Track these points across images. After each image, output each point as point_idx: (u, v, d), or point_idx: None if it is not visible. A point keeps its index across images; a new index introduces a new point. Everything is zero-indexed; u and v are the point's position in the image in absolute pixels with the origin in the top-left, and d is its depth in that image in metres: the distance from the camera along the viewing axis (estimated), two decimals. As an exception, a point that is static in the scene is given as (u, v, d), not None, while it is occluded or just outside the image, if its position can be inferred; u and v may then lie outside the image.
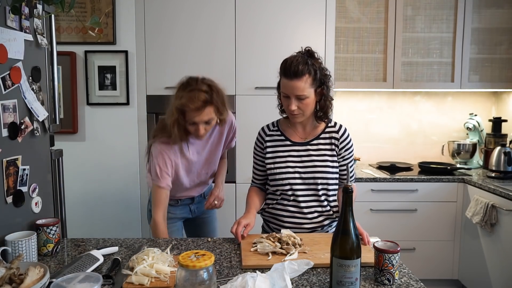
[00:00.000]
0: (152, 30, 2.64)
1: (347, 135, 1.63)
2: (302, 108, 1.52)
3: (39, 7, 1.50)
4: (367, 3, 2.93)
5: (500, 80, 3.02)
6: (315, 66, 1.51)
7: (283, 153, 1.63)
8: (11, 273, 1.03)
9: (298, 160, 1.60)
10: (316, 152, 1.60)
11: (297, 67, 1.47)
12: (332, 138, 1.62)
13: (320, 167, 1.58)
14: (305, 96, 1.50)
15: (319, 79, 1.52)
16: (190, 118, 1.60)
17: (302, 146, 1.62)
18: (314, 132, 1.64)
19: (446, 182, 2.78)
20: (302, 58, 1.50)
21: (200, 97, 1.56)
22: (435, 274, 2.86)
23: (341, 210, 1.11)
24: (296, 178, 1.59)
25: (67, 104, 2.70)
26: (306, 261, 1.25)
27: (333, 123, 1.65)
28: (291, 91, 1.50)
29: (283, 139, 1.65)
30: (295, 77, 1.48)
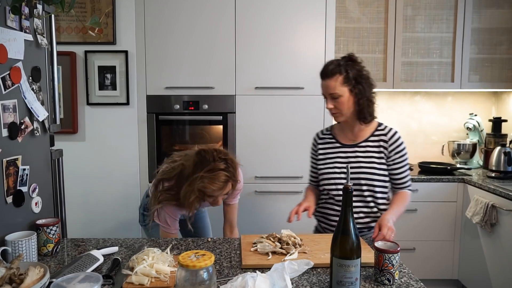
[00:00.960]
0: (152, 30, 2.64)
1: (397, 138, 1.66)
2: (338, 107, 1.62)
3: (39, 7, 1.50)
4: (367, 3, 2.93)
5: (500, 80, 3.02)
6: (349, 67, 1.60)
7: (332, 155, 1.71)
8: (11, 273, 1.03)
9: (345, 162, 1.67)
10: (363, 154, 1.66)
11: (328, 67, 1.61)
12: (381, 140, 1.66)
13: (366, 168, 1.63)
14: (338, 95, 1.59)
15: (353, 78, 1.59)
16: (211, 195, 1.64)
17: (351, 148, 1.69)
18: (363, 134, 1.69)
19: (446, 182, 2.78)
20: (337, 61, 1.62)
21: (221, 179, 1.60)
22: (435, 274, 2.86)
23: (341, 210, 1.11)
24: (342, 178, 1.66)
25: (67, 104, 2.70)
26: (306, 261, 1.25)
27: (383, 127, 1.70)
28: (325, 90, 1.63)
29: (334, 141, 1.74)
30: (326, 77, 1.61)
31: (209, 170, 1.58)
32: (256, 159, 2.73)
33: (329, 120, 2.66)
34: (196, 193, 1.60)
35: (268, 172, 2.71)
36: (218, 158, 1.61)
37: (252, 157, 2.72)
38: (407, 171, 1.68)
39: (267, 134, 2.72)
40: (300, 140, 2.70)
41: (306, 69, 2.66)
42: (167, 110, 2.68)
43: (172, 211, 1.71)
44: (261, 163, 2.73)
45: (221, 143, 2.71)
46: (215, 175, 1.58)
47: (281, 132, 2.71)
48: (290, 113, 2.70)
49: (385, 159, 1.65)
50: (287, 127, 2.71)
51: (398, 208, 1.62)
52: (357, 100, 1.61)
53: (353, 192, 1.12)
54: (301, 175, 2.68)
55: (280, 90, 2.68)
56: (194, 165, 1.62)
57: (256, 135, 2.71)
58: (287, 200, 2.66)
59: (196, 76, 2.66)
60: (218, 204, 1.71)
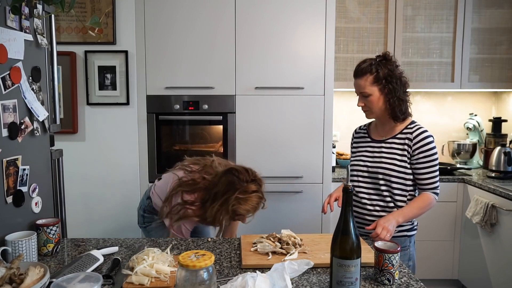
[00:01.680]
0: (152, 30, 2.64)
1: (424, 137, 1.64)
2: (368, 105, 1.69)
3: (39, 7, 1.50)
4: (367, 3, 2.93)
5: (500, 80, 3.02)
6: (381, 66, 1.64)
7: (362, 148, 1.80)
8: (11, 273, 1.03)
9: (370, 156, 1.74)
10: (387, 150, 1.70)
11: (360, 66, 1.67)
12: (406, 138, 1.68)
13: (386, 163, 1.67)
14: (367, 94, 1.66)
15: (384, 77, 1.63)
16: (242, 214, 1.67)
17: (378, 143, 1.75)
18: (392, 131, 1.73)
19: (446, 182, 2.78)
20: (370, 60, 1.67)
21: (255, 200, 1.64)
22: (435, 274, 2.86)
23: (341, 210, 1.11)
24: (364, 171, 1.73)
25: (67, 104, 2.69)
26: (306, 261, 1.25)
27: (413, 125, 1.70)
28: (356, 89, 1.71)
29: (366, 136, 1.82)
30: (357, 76, 1.68)
31: (244, 192, 1.62)
32: (256, 159, 2.73)
33: (329, 120, 2.66)
34: (229, 213, 1.62)
35: (268, 172, 2.71)
36: (251, 180, 1.65)
37: (252, 157, 2.72)
38: (433, 173, 1.65)
39: (267, 134, 2.71)
40: (300, 140, 2.70)
41: (306, 69, 2.66)
42: (167, 110, 2.68)
43: (190, 225, 1.73)
44: (261, 163, 2.72)
45: (221, 143, 2.71)
46: (250, 197, 1.62)
47: (281, 132, 2.71)
48: (290, 113, 2.70)
49: (407, 157, 1.65)
50: (287, 127, 2.71)
51: (410, 210, 1.62)
52: (388, 99, 1.65)
53: (353, 192, 1.12)
54: (301, 175, 2.68)
55: (280, 90, 2.68)
56: (227, 185, 1.63)
57: (256, 135, 2.71)
58: (287, 200, 2.66)
59: (196, 76, 2.66)
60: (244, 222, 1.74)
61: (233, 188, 1.61)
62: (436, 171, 1.65)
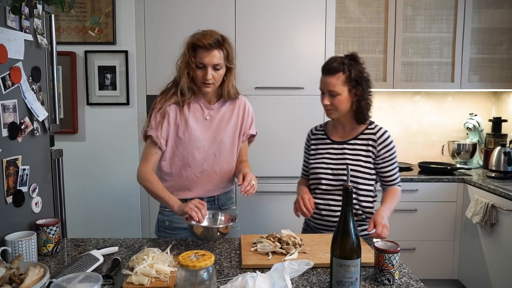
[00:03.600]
0: (152, 30, 2.64)
1: (387, 136, 1.67)
2: (335, 104, 1.63)
3: (39, 7, 1.50)
4: (367, 3, 2.93)
5: (500, 80, 3.02)
6: (352, 67, 1.61)
7: (322, 151, 1.74)
8: (11, 273, 1.03)
9: (333, 158, 1.70)
10: (351, 151, 1.67)
11: (333, 64, 1.61)
12: (369, 139, 1.67)
13: (351, 165, 1.65)
14: (336, 93, 1.60)
15: (354, 79, 1.60)
16: (200, 59, 1.56)
17: (340, 145, 1.71)
18: (353, 132, 1.71)
19: (446, 182, 2.78)
20: (341, 58, 1.63)
21: (214, 35, 1.56)
22: (435, 274, 2.86)
23: (341, 210, 1.11)
24: (328, 174, 1.68)
25: (67, 104, 2.70)
26: (306, 261, 1.25)
27: (374, 125, 1.71)
28: (325, 86, 1.63)
29: (325, 137, 1.77)
30: (329, 73, 1.61)
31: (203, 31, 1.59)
32: (256, 159, 2.72)
33: (329, 120, 2.66)
34: (187, 54, 1.56)
35: (268, 172, 2.71)
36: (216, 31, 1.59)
37: (252, 157, 2.70)
38: (396, 168, 1.71)
39: (267, 134, 2.71)
40: (300, 140, 2.68)
41: (306, 69, 2.66)
42: (167, 110, 2.68)
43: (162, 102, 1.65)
44: (261, 163, 2.73)
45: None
46: (207, 32, 1.57)
47: (281, 132, 2.71)
48: (290, 113, 2.70)
49: (372, 157, 1.66)
50: (287, 127, 2.71)
51: (391, 204, 1.65)
52: (355, 101, 1.63)
53: (352, 192, 1.12)
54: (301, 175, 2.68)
55: (280, 90, 2.68)
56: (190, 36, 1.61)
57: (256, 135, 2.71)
58: (287, 200, 2.66)
59: (196, 76, 2.66)
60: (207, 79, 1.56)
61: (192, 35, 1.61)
62: (397, 166, 1.72)
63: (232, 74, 1.66)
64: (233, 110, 1.73)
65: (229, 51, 1.60)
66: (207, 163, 1.68)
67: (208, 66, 1.56)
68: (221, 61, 1.58)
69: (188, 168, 1.67)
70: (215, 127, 1.68)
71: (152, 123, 1.63)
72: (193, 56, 1.57)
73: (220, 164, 1.70)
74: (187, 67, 1.58)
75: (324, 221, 1.69)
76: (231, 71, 1.64)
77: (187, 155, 1.65)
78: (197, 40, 1.55)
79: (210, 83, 1.59)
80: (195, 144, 1.65)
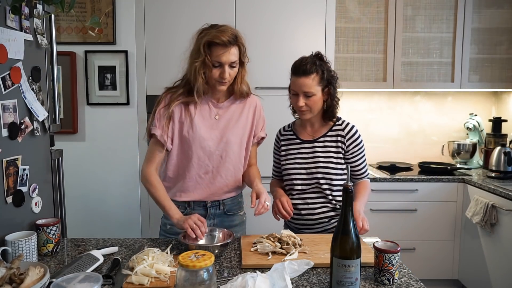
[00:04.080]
0: (152, 30, 2.64)
1: (355, 131, 1.70)
2: (310, 105, 1.63)
3: (39, 7, 1.50)
4: (367, 3, 2.93)
5: (500, 80, 3.02)
6: (323, 66, 1.63)
7: (293, 151, 1.74)
8: (11, 273, 1.03)
9: (305, 157, 1.70)
10: (321, 149, 1.69)
11: (306, 65, 1.60)
12: (338, 135, 1.69)
13: (323, 163, 1.67)
14: (312, 93, 1.61)
15: (326, 79, 1.63)
16: (217, 57, 1.48)
17: (310, 143, 1.72)
18: (322, 130, 1.73)
19: (446, 182, 2.78)
20: (311, 59, 1.63)
21: (230, 30, 1.50)
22: (435, 274, 2.86)
23: (341, 210, 1.11)
24: (302, 173, 1.69)
25: (67, 104, 2.70)
26: (306, 261, 1.25)
27: (341, 121, 1.73)
28: (299, 88, 1.62)
29: (294, 137, 1.77)
30: (304, 75, 1.60)
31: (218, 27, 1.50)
32: (256, 159, 2.73)
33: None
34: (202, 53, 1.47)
35: (268, 172, 2.70)
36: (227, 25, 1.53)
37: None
38: (365, 161, 1.75)
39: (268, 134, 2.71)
40: (300, 140, 2.69)
41: (306, 69, 2.65)
42: (167, 110, 2.68)
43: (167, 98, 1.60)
44: (261, 163, 2.71)
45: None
46: (223, 28, 1.49)
47: (281, 132, 2.71)
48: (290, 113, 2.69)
49: (342, 153, 1.69)
50: (287, 127, 2.71)
51: (364, 198, 1.68)
52: (326, 99, 1.66)
53: (353, 192, 1.12)
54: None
55: (280, 90, 2.68)
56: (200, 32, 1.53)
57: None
58: (287, 200, 2.66)
59: (196, 76, 2.66)
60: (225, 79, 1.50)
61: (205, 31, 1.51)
62: (365, 160, 1.75)
63: (245, 70, 1.60)
64: (243, 109, 1.66)
65: (244, 46, 1.55)
66: (212, 164, 1.61)
67: (225, 65, 1.49)
68: (237, 58, 1.53)
69: (192, 169, 1.60)
70: (222, 127, 1.61)
71: (156, 122, 1.57)
72: (209, 54, 1.48)
73: (226, 166, 1.63)
74: (203, 66, 1.50)
75: (305, 220, 1.70)
76: (244, 66, 1.59)
77: (191, 154, 1.59)
78: (215, 37, 1.46)
79: (226, 82, 1.53)
80: (199, 143, 1.58)
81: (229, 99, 1.65)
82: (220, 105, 1.63)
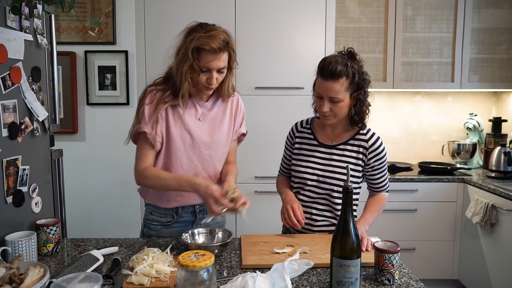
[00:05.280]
0: (152, 30, 2.64)
1: (379, 144, 1.54)
2: (335, 111, 1.47)
3: (39, 7, 1.50)
4: (367, 3, 2.93)
5: (500, 80, 3.02)
6: (355, 68, 1.44)
7: (308, 152, 1.60)
8: (11, 273, 1.03)
9: (320, 162, 1.56)
10: (339, 157, 1.54)
11: (335, 67, 1.41)
12: (360, 146, 1.54)
13: (340, 173, 1.52)
14: (339, 100, 1.44)
15: (357, 83, 1.46)
16: (206, 63, 1.42)
17: (328, 148, 1.57)
18: (344, 136, 1.57)
19: (446, 182, 2.78)
20: (342, 59, 1.44)
21: (220, 36, 1.41)
22: (435, 274, 2.86)
23: (341, 210, 1.11)
24: (313, 180, 1.56)
25: (67, 104, 2.70)
26: (306, 261, 1.25)
27: (366, 131, 1.56)
28: (325, 92, 1.45)
29: (312, 138, 1.61)
30: (331, 78, 1.42)
31: (208, 31, 1.41)
32: (256, 159, 2.73)
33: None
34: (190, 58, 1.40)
35: (268, 172, 2.71)
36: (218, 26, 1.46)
37: (252, 157, 2.72)
38: (386, 175, 1.61)
39: (267, 134, 2.72)
40: (300, 140, 2.69)
41: (306, 69, 2.65)
42: (167, 110, 2.68)
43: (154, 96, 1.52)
44: (261, 163, 2.73)
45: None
46: (214, 33, 1.41)
47: (281, 132, 2.70)
48: (290, 113, 2.70)
49: (362, 165, 1.55)
50: (287, 127, 2.69)
51: (372, 215, 1.56)
52: (355, 105, 1.49)
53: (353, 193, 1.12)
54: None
55: (280, 90, 2.68)
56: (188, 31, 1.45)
57: (256, 135, 2.71)
58: (287, 200, 2.66)
59: (196, 76, 2.66)
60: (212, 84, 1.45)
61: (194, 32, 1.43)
62: (387, 172, 1.61)
63: (232, 74, 1.56)
64: (226, 107, 1.62)
65: (233, 51, 1.49)
66: (201, 164, 1.57)
67: (214, 70, 1.44)
68: (226, 63, 1.47)
69: (181, 171, 1.54)
70: (210, 127, 1.58)
71: (147, 119, 1.49)
72: (197, 59, 1.42)
73: (213, 165, 1.60)
74: (191, 71, 1.44)
75: (304, 229, 1.57)
76: (231, 70, 1.54)
77: (180, 156, 1.53)
78: (205, 44, 1.39)
79: (212, 87, 1.48)
80: (189, 143, 1.54)
81: (212, 97, 1.60)
82: (205, 105, 1.58)
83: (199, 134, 1.55)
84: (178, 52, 1.48)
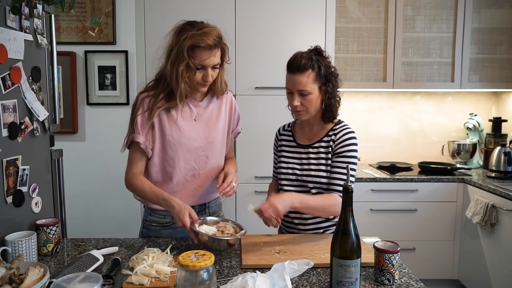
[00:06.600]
0: (152, 30, 2.64)
1: (347, 137, 1.53)
2: (306, 104, 1.50)
3: (39, 7, 1.50)
4: (367, 3, 2.93)
5: (500, 80, 3.02)
6: (320, 62, 1.48)
7: (288, 154, 1.64)
8: (11, 273, 1.04)
9: (298, 162, 1.59)
10: (314, 155, 1.56)
11: (300, 61, 1.46)
12: (330, 141, 1.55)
13: (314, 171, 1.54)
14: (307, 92, 1.48)
15: (324, 76, 1.49)
16: (201, 60, 1.43)
17: (305, 148, 1.60)
18: (320, 134, 1.59)
19: (446, 182, 2.78)
20: (307, 54, 1.49)
21: (213, 32, 1.43)
22: (435, 274, 2.86)
23: (341, 210, 1.11)
24: (292, 180, 1.59)
25: (67, 104, 2.70)
26: (306, 261, 1.25)
27: (338, 126, 1.57)
28: (294, 86, 1.49)
29: (291, 139, 1.66)
30: (298, 71, 1.47)
31: (200, 28, 1.42)
32: (256, 159, 2.73)
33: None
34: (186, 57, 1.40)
35: (268, 172, 2.69)
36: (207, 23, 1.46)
37: (252, 157, 2.72)
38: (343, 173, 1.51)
39: (267, 134, 2.70)
40: (300, 140, 2.69)
41: (306, 69, 2.65)
42: (167, 110, 2.68)
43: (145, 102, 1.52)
44: (261, 163, 2.73)
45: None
46: (207, 30, 1.42)
47: (281, 132, 2.71)
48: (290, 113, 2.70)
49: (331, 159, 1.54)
50: (287, 127, 2.71)
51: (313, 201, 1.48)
52: (325, 98, 1.52)
53: (353, 192, 1.12)
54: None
55: (280, 90, 2.68)
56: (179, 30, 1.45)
57: (256, 135, 2.71)
58: (287, 200, 2.66)
59: (196, 76, 2.66)
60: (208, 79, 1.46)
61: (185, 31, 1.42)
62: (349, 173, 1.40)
63: (224, 69, 1.56)
64: (221, 106, 1.63)
65: (226, 46, 1.51)
66: (198, 165, 1.58)
67: (208, 67, 1.46)
68: (219, 59, 1.48)
69: (178, 173, 1.55)
70: (206, 127, 1.58)
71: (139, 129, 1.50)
72: (192, 57, 1.43)
73: (211, 166, 1.61)
74: (187, 70, 1.44)
75: (297, 229, 1.60)
76: (223, 66, 1.54)
77: (177, 158, 1.54)
78: (200, 41, 1.40)
79: (208, 84, 1.50)
80: (186, 146, 1.54)
81: (206, 97, 1.61)
82: (199, 104, 1.58)
83: (195, 137, 1.56)
84: (170, 52, 1.48)
